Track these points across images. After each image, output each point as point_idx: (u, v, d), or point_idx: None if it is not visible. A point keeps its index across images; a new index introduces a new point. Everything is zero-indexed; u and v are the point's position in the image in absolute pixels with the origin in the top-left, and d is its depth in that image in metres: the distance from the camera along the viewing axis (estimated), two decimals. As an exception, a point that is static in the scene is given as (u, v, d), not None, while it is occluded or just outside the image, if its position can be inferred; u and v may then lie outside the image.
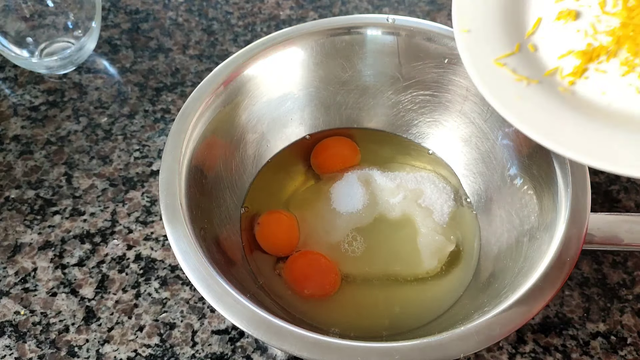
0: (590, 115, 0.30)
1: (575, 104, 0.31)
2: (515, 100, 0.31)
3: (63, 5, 0.57)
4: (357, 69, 0.49)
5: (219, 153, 0.44)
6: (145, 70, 0.58)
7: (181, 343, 0.41)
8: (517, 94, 0.31)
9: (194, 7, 0.65)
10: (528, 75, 0.32)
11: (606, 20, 0.33)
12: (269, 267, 0.44)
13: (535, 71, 0.33)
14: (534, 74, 0.33)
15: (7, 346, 0.41)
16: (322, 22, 0.47)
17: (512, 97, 0.31)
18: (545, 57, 0.34)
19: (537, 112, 0.30)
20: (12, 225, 0.47)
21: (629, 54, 0.31)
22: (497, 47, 0.33)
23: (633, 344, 0.42)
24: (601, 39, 0.33)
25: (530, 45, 0.34)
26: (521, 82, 0.32)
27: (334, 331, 0.40)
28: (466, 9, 0.35)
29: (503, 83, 0.32)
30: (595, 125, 0.30)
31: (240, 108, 0.46)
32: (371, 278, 0.43)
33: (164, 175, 0.38)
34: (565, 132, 0.29)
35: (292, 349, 0.31)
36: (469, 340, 0.31)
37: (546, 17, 0.35)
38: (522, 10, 0.35)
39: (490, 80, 0.32)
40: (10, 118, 0.54)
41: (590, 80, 0.32)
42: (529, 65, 0.33)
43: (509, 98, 0.31)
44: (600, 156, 0.28)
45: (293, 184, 0.49)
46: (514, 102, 0.31)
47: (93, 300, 0.43)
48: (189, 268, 0.34)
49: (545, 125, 0.30)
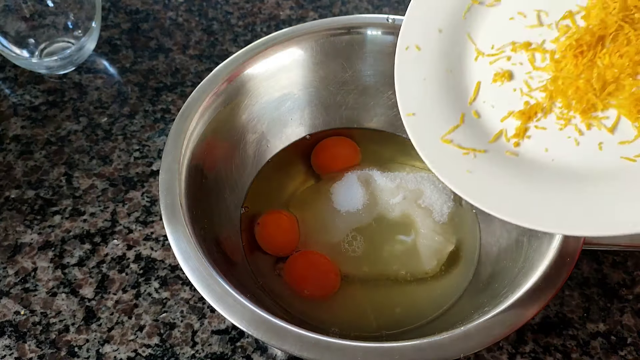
0: (536, 176, 0.31)
1: (521, 167, 0.31)
2: (465, 176, 0.31)
3: (63, 5, 0.57)
4: (357, 69, 0.49)
5: (219, 153, 0.44)
6: (145, 70, 0.58)
7: (181, 343, 0.41)
8: (466, 169, 0.31)
9: (194, 7, 0.65)
10: (474, 146, 0.32)
11: (538, 76, 0.34)
12: (269, 267, 0.44)
13: (481, 139, 0.33)
14: (480, 143, 0.33)
15: (7, 346, 0.41)
16: (322, 22, 0.47)
17: (462, 173, 0.31)
18: (489, 121, 0.34)
19: (486, 184, 0.31)
20: (12, 225, 0.47)
21: (562, 107, 0.32)
22: (442, 124, 0.34)
23: (633, 344, 0.42)
24: (536, 95, 0.33)
25: (474, 112, 0.34)
26: (468, 155, 0.32)
27: (334, 331, 0.40)
28: (408, 93, 0.35)
29: (451, 160, 0.32)
30: (542, 186, 0.30)
31: (240, 108, 0.46)
32: (371, 278, 0.43)
33: (164, 175, 0.38)
34: (514, 201, 0.29)
35: (292, 349, 0.31)
36: (469, 340, 0.31)
37: (484, 81, 0.35)
38: (462, 78, 0.36)
39: (439, 160, 0.32)
40: (10, 118, 0.54)
41: (533, 139, 0.32)
42: (474, 134, 0.33)
43: (459, 174, 0.31)
44: (552, 222, 0.28)
45: (293, 184, 0.49)
46: (464, 177, 0.31)
47: (93, 300, 0.43)
48: (189, 268, 0.34)
49: (494, 198, 0.30)
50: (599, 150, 0.30)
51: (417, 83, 0.35)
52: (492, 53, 0.35)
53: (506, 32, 0.35)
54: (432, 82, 0.35)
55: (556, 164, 0.31)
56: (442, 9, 0.37)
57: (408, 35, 0.37)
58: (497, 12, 0.36)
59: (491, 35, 0.36)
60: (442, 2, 0.37)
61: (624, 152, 0.29)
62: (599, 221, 0.27)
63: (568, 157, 0.31)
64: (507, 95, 0.34)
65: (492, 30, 0.36)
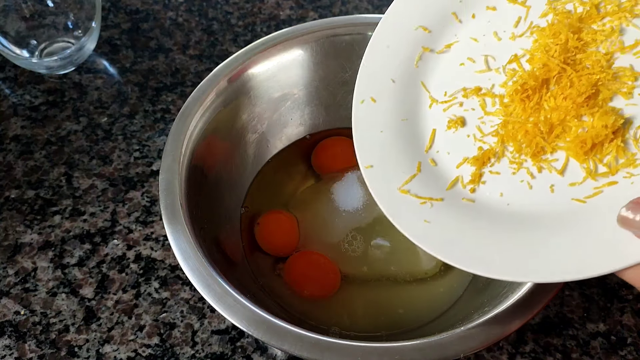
0: (493, 223, 0.31)
1: (478, 213, 0.31)
2: (423, 226, 0.31)
3: (63, 5, 0.57)
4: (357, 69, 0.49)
5: (219, 153, 0.44)
6: (145, 70, 0.58)
7: (181, 343, 0.41)
8: (424, 218, 0.31)
9: (194, 7, 0.65)
10: (432, 194, 0.33)
11: (490, 121, 0.34)
12: (269, 267, 0.44)
13: (438, 187, 0.33)
14: (437, 191, 0.33)
15: (7, 346, 0.41)
16: (322, 22, 0.47)
17: (420, 223, 0.31)
18: (445, 169, 0.34)
19: (444, 234, 0.31)
20: (12, 225, 0.47)
21: (514, 151, 0.32)
22: (400, 174, 0.34)
23: (633, 344, 0.42)
24: (489, 140, 0.33)
25: (430, 160, 0.34)
26: (426, 204, 0.32)
27: (334, 331, 0.40)
28: (365, 145, 0.35)
29: (410, 210, 0.32)
30: (498, 233, 0.30)
31: (240, 108, 0.46)
32: (371, 278, 0.43)
33: (164, 175, 0.38)
34: (472, 250, 0.29)
35: (292, 349, 0.31)
36: (469, 340, 0.31)
37: (439, 128, 0.35)
38: (418, 127, 0.36)
39: (398, 211, 0.32)
40: (10, 118, 0.54)
41: (488, 184, 0.32)
42: (431, 182, 0.34)
43: (417, 225, 0.31)
44: (510, 270, 0.28)
45: (293, 184, 0.49)
46: (422, 227, 0.31)
47: (93, 300, 0.43)
48: (189, 268, 0.34)
49: (452, 247, 0.30)
50: (551, 193, 0.30)
51: (374, 135, 0.36)
52: (445, 100, 0.36)
53: (458, 78, 0.36)
54: (388, 132, 0.36)
55: (511, 209, 0.31)
56: (395, 59, 0.37)
57: (363, 89, 0.38)
58: (448, 59, 0.37)
59: (444, 82, 0.36)
60: (394, 52, 0.37)
61: (575, 193, 0.29)
62: (552, 268, 0.27)
63: (522, 201, 0.31)
64: (461, 142, 0.34)
65: (445, 77, 0.36)
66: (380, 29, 0.38)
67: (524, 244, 0.29)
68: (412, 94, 0.37)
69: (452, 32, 0.37)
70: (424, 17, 0.38)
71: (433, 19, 0.37)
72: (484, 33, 0.36)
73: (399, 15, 0.38)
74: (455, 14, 0.37)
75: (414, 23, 0.38)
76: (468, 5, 0.37)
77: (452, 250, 0.30)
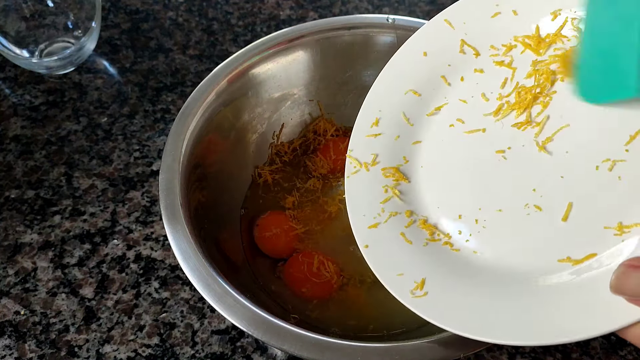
0: (492, 287, 0.31)
1: (476, 277, 0.32)
2: (421, 298, 0.32)
3: (63, 5, 0.57)
4: (357, 69, 0.49)
5: (219, 153, 0.44)
6: (145, 70, 0.58)
7: (181, 343, 0.41)
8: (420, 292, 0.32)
9: (194, 7, 0.65)
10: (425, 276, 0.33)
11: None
12: (268, 268, 0.44)
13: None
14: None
15: (7, 346, 0.41)
16: (322, 22, 0.47)
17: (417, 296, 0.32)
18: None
19: (439, 304, 0.31)
20: (12, 225, 0.47)
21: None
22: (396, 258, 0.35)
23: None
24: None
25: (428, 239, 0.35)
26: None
27: (334, 331, 0.40)
28: (361, 228, 0.36)
29: (407, 287, 0.33)
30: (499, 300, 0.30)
31: (240, 108, 0.46)
32: (370, 278, 0.43)
33: (164, 175, 0.38)
34: (466, 318, 0.30)
35: (292, 348, 0.31)
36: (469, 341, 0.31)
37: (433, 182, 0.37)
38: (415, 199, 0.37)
39: (397, 287, 0.33)
40: (10, 118, 0.54)
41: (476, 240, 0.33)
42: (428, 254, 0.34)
43: (414, 297, 0.32)
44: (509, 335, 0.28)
45: (292, 184, 0.49)
46: (420, 299, 0.32)
47: (93, 300, 0.43)
48: (189, 268, 0.34)
49: (454, 316, 0.30)
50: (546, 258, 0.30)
51: (366, 219, 0.37)
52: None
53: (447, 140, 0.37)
54: (385, 215, 0.37)
55: (503, 264, 0.32)
56: (386, 122, 0.40)
57: (356, 154, 0.39)
58: (438, 120, 0.38)
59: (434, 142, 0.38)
60: (386, 117, 0.39)
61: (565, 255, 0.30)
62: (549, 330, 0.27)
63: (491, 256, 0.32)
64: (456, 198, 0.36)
65: (435, 139, 0.38)
66: (371, 96, 0.40)
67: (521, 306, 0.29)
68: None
69: (442, 94, 0.38)
70: (414, 81, 0.39)
71: (423, 83, 0.39)
72: (472, 94, 0.37)
73: (389, 81, 0.40)
74: (445, 77, 0.38)
75: (405, 87, 0.39)
76: (457, 68, 0.38)
77: (450, 318, 0.30)
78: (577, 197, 0.30)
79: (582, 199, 0.30)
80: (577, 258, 0.29)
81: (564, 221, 0.30)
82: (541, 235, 0.31)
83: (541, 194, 0.31)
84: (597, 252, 0.28)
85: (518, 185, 0.32)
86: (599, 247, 0.28)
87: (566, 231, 0.30)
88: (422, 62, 0.39)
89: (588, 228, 0.29)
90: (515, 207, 0.32)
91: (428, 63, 0.39)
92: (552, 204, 0.31)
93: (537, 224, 0.31)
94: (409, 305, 0.31)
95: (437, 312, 0.30)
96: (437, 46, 0.39)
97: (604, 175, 0.29)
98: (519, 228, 0.32)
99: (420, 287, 0.32)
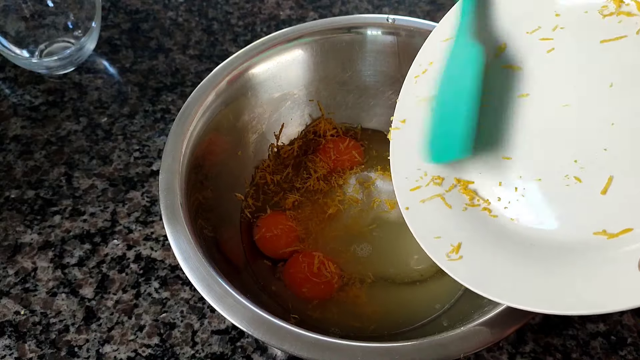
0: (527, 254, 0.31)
1: (509, 240, 0.32)
2: (456, 261, 0.32)
3: (63, 5, 0.57)
4: (357, 69, 0.49)
5: (219, 153, 0.44)
6: (145, 70, 0.58)
7: (181, 343, 0.41)
8: (456, 256, 0.33)
9: (194, 7, 0.65)
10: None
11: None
12: (268, 268, 0.44)
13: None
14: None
15: (7, 346, 0.41)
16: (322, 22, 0.47)
17: (452, 259, 0.33)
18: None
19: (473, 268, 0.32)
20: (12, 225, 0.47)
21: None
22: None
23: (633, 344, 0.42)
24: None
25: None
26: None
27: (334, 331, 0.40)
28: (403, 190, 0.37)
29: (443, 250, 0.33)
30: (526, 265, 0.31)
31: (240, 108, 0.46)
32: (370, 279, 0.43)
33: (164, 175, 0.38)
34: (499, 282, 0.30)
35: (292, 348, 0.31)
36: (469, 340, 0.31)
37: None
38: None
39: (434, 249, 0.34)
40: (10, 118, 0.54)
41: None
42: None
43: (450, 260, 0.33)
44: (539, 301, 0.29)
45: (292, 185, 0.49)
46: (455, 262, 0.33)
47: (93, 300, 0.43)
48: (189, 268, 0.34)
49: (485, 280, 0.31)
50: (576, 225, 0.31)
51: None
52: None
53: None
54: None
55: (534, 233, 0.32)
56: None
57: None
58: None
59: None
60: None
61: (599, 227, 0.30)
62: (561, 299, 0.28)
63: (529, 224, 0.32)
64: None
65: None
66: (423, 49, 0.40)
67: (547, 270, 0.29)
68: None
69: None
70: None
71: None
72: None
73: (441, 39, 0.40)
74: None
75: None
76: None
77: (482, 282, 0.31)
78: (618, 171, 0.30)
79: (623, 174, 0.29)
80: (612, 232, 0.29)
81: (602, 194, 0.30)
82: (579, 206, 0.30)
83: (582, 165, 0.31)
84: (633, 227, 0.28)
85: (559, 156, 0.32)
86: (635, 222, 0.28)
87: (604, 204, 0.29)
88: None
89: (626, 203, 0.29)
90: (555, 177, 0.32)
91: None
92: (592, 177, 0.30)
93: (575, 195, 0.31)
94: (444, 267, 0.32)
95: (469, 276, 0.31)
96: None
97: None
98: (557, 198, 0.31)
99: (456, 251, 0.32)
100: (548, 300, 0.28)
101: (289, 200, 0.47)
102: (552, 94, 0.33)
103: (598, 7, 0.33)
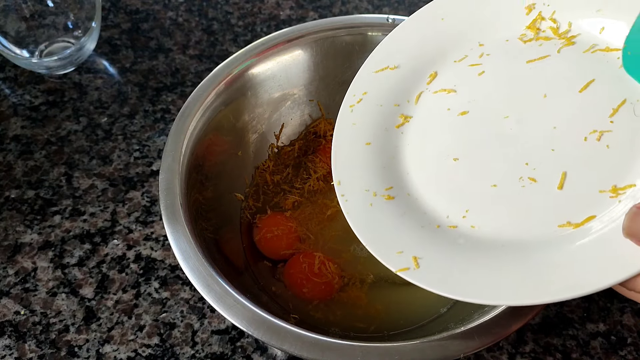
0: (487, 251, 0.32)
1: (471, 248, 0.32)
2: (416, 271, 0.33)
3: (63, 5, 0.57)
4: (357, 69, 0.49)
5: (219, 153, 0.44)
6: (145, 70, 0.58)
7: (181, 343, 0.41)
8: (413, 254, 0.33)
9: (194, 7, 0.65)
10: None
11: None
12: (268, 268, 0.44)
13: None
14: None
15: (7, 346, 0.41)
16: (322, 22, 0.47)
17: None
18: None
19: (435, 274, 0.32)
20: (12, 225, 0.47)
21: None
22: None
23: (633, 344, 0.42)
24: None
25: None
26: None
27: (334, 331, 0.40)
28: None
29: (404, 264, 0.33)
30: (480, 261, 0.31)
31: (240, 108, 0.46)
32: (370, 279, 0.43)
33: (164, 175, 0.38)
34: (460, 280, 0.31)
35: (292, 348, 0.31)
36: (469, 340, 0.31)
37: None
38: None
39: (395, 265, 0.33)
40: (10, 118, 0.54)
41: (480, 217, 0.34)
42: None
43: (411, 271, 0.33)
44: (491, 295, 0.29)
45: (292, 185, 0.49)
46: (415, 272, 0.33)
47: (93, 300, 0.43)
48: (189, 268, 0.34)
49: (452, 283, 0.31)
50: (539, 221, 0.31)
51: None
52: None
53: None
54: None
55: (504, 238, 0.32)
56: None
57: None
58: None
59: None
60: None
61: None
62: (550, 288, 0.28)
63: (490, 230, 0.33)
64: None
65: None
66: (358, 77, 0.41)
67: (506, 268, 0.30)
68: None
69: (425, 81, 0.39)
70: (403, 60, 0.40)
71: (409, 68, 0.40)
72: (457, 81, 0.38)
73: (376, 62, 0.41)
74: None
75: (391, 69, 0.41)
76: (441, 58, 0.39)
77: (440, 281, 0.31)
78: (570, 167, 0.31)
79: (574, 168, 0.31)
80: (576, 222, 0.29)
81: (559, 189, 0.31)
82: (539, 204, 0.31)
83: (534, 167, 0.32)
84: (595, 214, 0.29)
85: (510, 161, 0.33)
86: (597, 210, 0.29)
87: (563, 198, 0.30)
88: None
89: (584, 194, 0.30)
90: (509, 181, 0.32)
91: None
92: (546, 175, 0.31)
93: (533, 194, 0.31)
94: (406, 277, 0.32)
95: (434, 280, 0.31)
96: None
97: (593, 145, 0.30)
98: (516, 200, 0.32)
99: (416, 266, 0.33)
100: (529, 295, 0.28)
101: (288, 200, 0.47)
102: (490, 109, 0.35)
103: (517, 35, 0.37)
